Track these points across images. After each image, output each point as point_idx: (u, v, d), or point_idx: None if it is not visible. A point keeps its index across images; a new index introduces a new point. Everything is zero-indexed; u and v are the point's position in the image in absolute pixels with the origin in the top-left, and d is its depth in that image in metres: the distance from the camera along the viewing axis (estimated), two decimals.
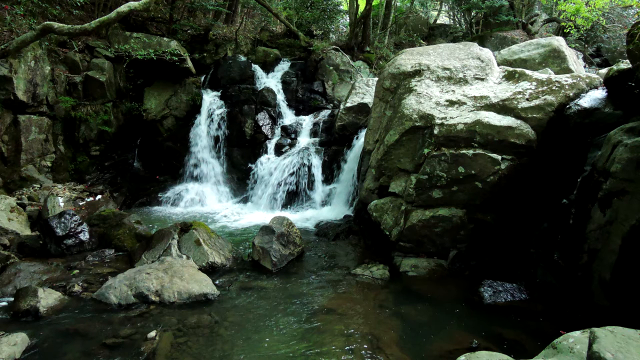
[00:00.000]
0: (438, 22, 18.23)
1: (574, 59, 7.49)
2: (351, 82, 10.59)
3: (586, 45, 13.44)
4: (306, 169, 8.70)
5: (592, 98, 4.94)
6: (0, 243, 5.38)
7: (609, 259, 3.63)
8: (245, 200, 9.17)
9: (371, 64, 12.17)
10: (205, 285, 4.42)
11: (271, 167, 9.03)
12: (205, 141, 9.88)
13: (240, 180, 9.61)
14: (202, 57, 11.09)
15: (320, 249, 6.10)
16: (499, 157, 5.01)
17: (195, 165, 9.76)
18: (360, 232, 6.50)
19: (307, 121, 10.04)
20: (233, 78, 10.45)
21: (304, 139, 9.63)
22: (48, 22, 6.73)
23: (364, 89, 9.11)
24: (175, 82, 10.05)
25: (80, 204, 7.43)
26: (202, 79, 10.60)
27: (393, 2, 14.00)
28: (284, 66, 11.59)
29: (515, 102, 5.29)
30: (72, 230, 5.50)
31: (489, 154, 5.01)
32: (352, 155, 8.18)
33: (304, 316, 4.06)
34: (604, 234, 3.72)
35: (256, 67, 10.96)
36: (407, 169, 5.69)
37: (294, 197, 8.63)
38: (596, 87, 5.25)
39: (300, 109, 10.72)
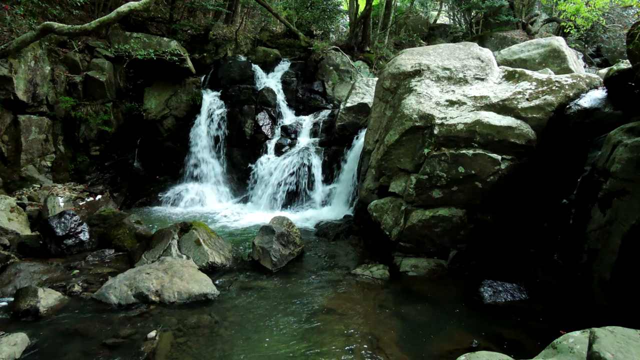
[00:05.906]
0: (438, 22, 18.21)
1: (574, 59, 7.49)
2: (351, 82, 10.59)
3: (586, 45, 13.44)
4: (306, 169, 8.70)
5: (592, 98, 4.94)
6: (0, 243, 5.38)
7: (609, 259, 3.63)
8: (245, 200, 9.17)
9: (371, 64, 12.17)
10: (205, 285, 4.42)
11: (271, 167, 9.03)
12: (205, 141, 9.88)
13: (240, 180, 9.62)
14: (202, 57, 11.09)
15: (320, 249, 6.09)
16: (499, 157, 5.01)
17: (195, 165, 9.76)
18: (360, 232, 6.49)
19: (307, 121, 10.04)
20: (233, 78, 10.45)
21: (304, 139, 9.63)
22: (48, 22, 6.74)
23: (364, 89, 9.11)
24: (175, 82, 10.05)
25: (80, 204, 7.43)
26: (202, 79, 10.59)
27: (393, 2, 13.99)
28: (284, 66, 11.58)
29: (515, 102, 5.29)
30: (72, 230, 5.51)
31: (489, 154, 5.01)
32: (352, 155, 8.17)
33: (304, 316, 4.06)
34: (604, 234, 3.72)
35: (256, 67, 10.96)
36: (407, 169, 5.69)
37: (294, 197, 8.63)
38: (596, 87, 5.25)
39: (300, 109, 10.72)
